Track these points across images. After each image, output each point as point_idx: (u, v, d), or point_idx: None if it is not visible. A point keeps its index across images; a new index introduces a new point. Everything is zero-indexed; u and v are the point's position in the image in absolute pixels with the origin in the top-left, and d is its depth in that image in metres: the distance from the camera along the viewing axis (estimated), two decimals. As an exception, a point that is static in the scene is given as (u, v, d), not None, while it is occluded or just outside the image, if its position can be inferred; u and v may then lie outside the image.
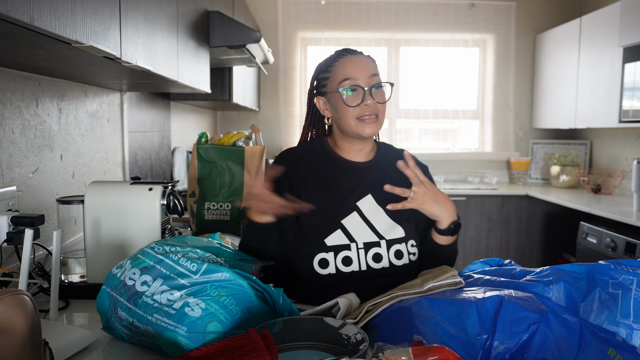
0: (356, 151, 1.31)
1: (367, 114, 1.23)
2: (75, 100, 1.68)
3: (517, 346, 0.78)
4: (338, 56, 1.27)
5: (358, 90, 1.23)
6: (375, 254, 1.23)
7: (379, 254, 1.23)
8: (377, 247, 1.24)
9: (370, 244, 1.23)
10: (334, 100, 1.26)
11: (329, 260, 1.21)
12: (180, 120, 3.07)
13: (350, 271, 1.22)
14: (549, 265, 0.97)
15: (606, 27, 3.20)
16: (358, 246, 1.23)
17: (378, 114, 1.24)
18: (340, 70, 1.24)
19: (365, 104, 1.22)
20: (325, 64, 1.29)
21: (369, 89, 1.23)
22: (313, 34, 4.28)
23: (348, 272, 1.21)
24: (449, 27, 4.26)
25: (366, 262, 1.22)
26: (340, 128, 1.29)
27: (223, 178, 1.81)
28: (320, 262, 1.21)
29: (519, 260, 3.82)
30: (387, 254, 1.24)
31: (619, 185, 3.58)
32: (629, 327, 0.80)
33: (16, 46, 0.94)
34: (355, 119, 1.23)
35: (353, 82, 1.22)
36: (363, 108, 1.23)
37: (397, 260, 1.24)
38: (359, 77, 1.23)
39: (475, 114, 4.41)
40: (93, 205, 1.27)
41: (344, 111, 1.24)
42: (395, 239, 1.25)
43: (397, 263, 1.24)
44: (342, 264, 1.21)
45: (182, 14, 1.59)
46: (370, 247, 1.23)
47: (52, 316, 1.08)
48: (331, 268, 1.21)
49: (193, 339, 0.85)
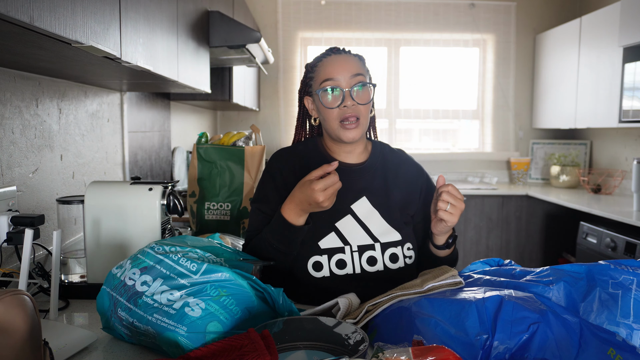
0: (345, 153, 1.29)
1: (348, 116, 1.19)
2: (75, 100, 1.68)
3: (517, 346, 0.78)
4: (323, 56, 1.25)
5: (338, 91, 1.20)
6: (369, 257, 1.21)
7: (374, 257, 1.21)
8: (371, 250, 1.22)
9: (365, 247, 1.22)
10: (317, 101, 1.23)
11: (322, 263, 1.20)
12: (180, 120, 3.07)
13: (345, 274, 1.20)
14: (549, 265, 0.97)
15: (606, 27, 3.20)
16: (352, 249, 1.21)
17: (359, 117, 1.20)
18: (322, 71, 1.22)
19: (344, 105, 1.19)
20: (311, 64, 1.27)
21: (349, 90, 1.19)
22: (313, 34, 4.28)
23: (342, 275, 1.20)
24: (449, 27, 4.26)
25: (360, 265, 1.21)
26: (325, 130, 1.27)
27: (223, 178, 1.81)
28: (314, 264, 1.20)
29: (519, 260, 3.82)
30: (381, 257, 1.22)
31: (619, 185, 3.58)
32: (629, 327, 0.80)
33: (16, 46, 0.94)
34: (338, 122, 1.20)
35: (333, 82, 1.19)
36: (343, 110, 1.19)
37: (392, 263, 1.22)
38: (339, 77, 1.19)
39: (475, 114, 4.41)
40: (93, 205, 1.27)
41: (326, 113, 1.21)
42: (390, 242, 1.23)
43: (392, 267, 1.22)
44: (336, 267, 1.20)
45: (182, 14, 1.59)
46: (364, 250, 1.21)
47: (52, 316, 1.08)
48: (325, 271, 1.20)
49: (193, 339, 0.85)
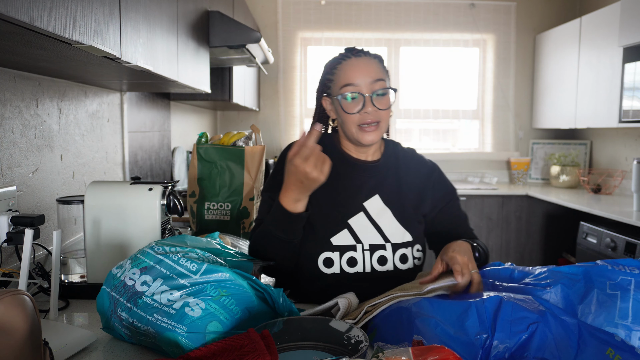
0: (360, 152, 1.30)
1: (368, 121, 1.19)
2: (75, 100, 1.68)
3: (516, 345, 0.78)
4: (342, 58, 1.24)
5: (359, 97, 1.19)
6: (380, 256, 1.22)
7: (384, 256, 1.22)
8: (382, 250, 1.22)
9: (376, 246, 1.22)
10: (337, 105, 1.24)
11: (334, 260, 1.21)
12: (180, 120, 3.07)
13: (354, 272, 1.21)
14: (549, 266, 0.97)
15: (606, 27, 3.20)
16: (364, 247, 1.21)
17: (380, 121, 1.21)
18: (342, 75, 1.21)
19: (365, 111, 1.19)
20: (330, 65, 1.26)
21: (369, 96, 1.18)
22: (313, 34, 4.28)
23: (352, 273, 1.21)
24: (449, 27, 4.26)
25: (371, 264, 1.21)
26: (343, 131, 1.27)
27: (223, 178, 1.81)
28: (325, 261, 1.21)
29: (519, 260, 3.82)
30: (392, 257, 1.22)
31: (619, 185, 3.58)
32: (628, 328, 0.80)
33: (16, 46, 0.94)
34: (357, 125, 1.21)
35: (354, 88, 1.19)
36: (363, 115, 1.19)
37: (402, 264, 1.23)
38: (360, 82, 1.19)
39: (475, 114, 4.41)
40: (93, 205, 1.27)
41: (345, 117, 1.21)
42: (401, 243, 1.23)
43: (401, 267, 1.23)
44: (347, 265, 1.21)
45: (182, 14, 1.59)
46: (375, 249, 1.22)
47: (52, 316, 1.08)
48: (335, 268, 1.21)
49: (193, 339, 0.85)
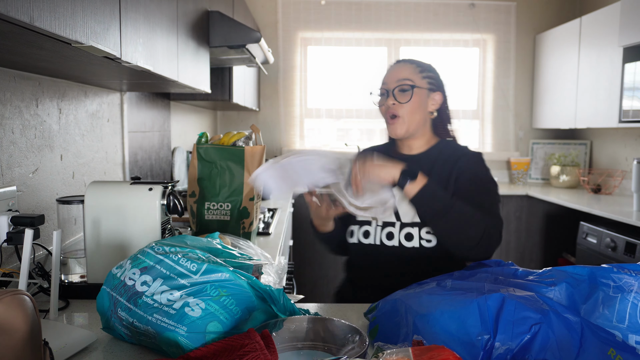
0: (403, 146, 1.50)
1: (388, 114, 1.42)
2: (75, 100, 1.68)
3: (518, 347, 0.78)
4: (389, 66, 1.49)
5: (384, 92, 1.44)
6: (389, 232, 1.39)
7: (392, 232, 1.38)
8: (391, 227, 1.39)
9: (388, 223, 1.40)
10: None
11: (354, 232, 1.44)
12: (180, 120, 3.07)
13: (368, 243, 1.41)
14: (549, 266, 0.97)
15: (606, 27, 3.20)
16: (377, 223, 1.41)
17: (397, 114, 1.40)
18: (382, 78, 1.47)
19: (387, 104, 1.42)
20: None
21: (391, 91, 1.41)
22: (313, 34, 4.27)
23: (366, 244, 1.41)
24: (449, 27, 4.26)
25: (380, 238, 1.39)
26: None
27: (223, 178, 1.80)
28: (349, 232, 1.46)
29: (519, 260, 3.82)
30: (398, 234, 1.37)
31: (619, 185, 3.58)
32: (623, 332, 0.79)
33: (16, 46, 0.94)
34: (386, 120, 1.45)
35: (383, 86, 1.45)
36: (386, 109, 1.42)
37: (407, 242, 1.36)
38: (388, 82, 1.43)
39: (475, 114, 4.41)
40: (93, 205, 1.27)
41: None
42: (409, 223, 1.37)
43: (406, 244, 1.36)
44: (363, 237, 1.42)
45: (182, 14, 1.59)
46: (386, 225, 1.40)
47: (52, 316, 1.08)
48: (354, 238, 1.44)
49: (193, 339, 0.85)
